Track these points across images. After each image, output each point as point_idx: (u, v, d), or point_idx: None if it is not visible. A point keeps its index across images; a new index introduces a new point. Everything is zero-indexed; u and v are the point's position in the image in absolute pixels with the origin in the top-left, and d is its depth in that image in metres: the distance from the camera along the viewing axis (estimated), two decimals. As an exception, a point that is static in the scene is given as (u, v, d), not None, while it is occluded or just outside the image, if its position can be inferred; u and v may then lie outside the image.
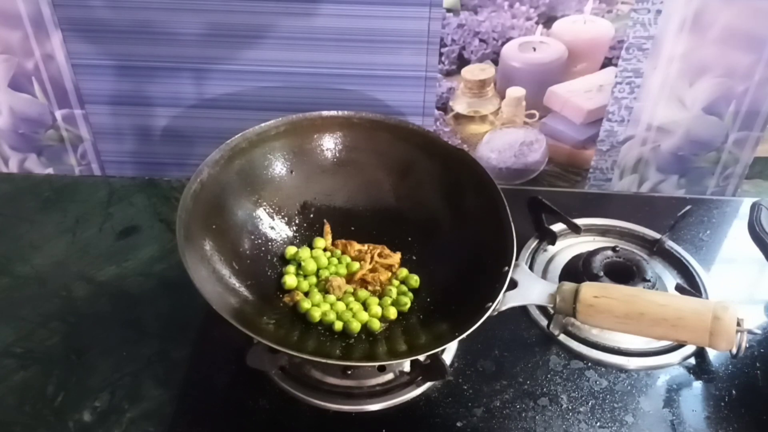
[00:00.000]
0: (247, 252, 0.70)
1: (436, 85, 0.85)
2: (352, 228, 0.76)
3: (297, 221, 0.75)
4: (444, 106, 0.87)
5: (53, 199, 0.88)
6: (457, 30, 0.80)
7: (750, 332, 0.59)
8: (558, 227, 0.80)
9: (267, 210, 0.74)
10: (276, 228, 0.74)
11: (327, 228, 0.76)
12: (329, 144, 0.76)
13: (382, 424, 0.62)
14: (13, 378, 0.66)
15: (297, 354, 0.57)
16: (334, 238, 0.75)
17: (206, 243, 0.66)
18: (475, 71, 0.83)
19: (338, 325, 0.67)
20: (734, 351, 0.59)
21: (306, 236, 0.75)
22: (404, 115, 0.87)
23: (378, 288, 0.70)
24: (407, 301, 0.69)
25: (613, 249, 0.75)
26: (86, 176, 0.94)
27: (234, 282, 0.66)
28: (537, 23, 0.80)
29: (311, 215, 0.76)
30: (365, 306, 0.69)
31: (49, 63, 0.84)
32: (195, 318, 0.70)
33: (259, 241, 0.72)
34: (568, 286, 0.64)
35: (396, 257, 0.73)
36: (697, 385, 0.67)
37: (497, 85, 0.85)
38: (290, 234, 0.75)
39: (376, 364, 0.65)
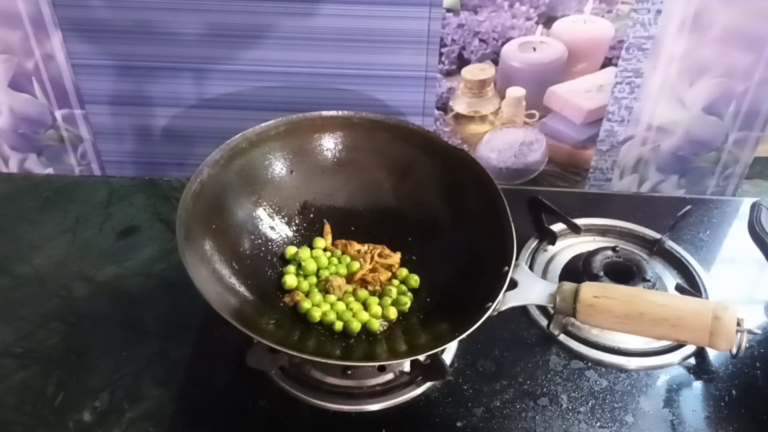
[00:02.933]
0: (247, 252, 0.70)
1: (436, 85, 0.85)
2: (352, 228, 0.76)
3: (297, 221, 0.75)
4: (444, 106, 0.87)
5: (53, 199, 0.88)
6: (457, 30, 0.80)
7: (750, 332, 0.59)
8: (558, 227, 0.80)
9: (267, 210, 0.74)
10: (276, 228, 0.74)
11: (327, 228, 0.76)
12: (329, 144, 0.76)
13: (382, 424, 0.62)
14: (13, 378, 0.66)
15: (297, 354, 0.57)
16: (334, 238, 0.75)
17: (206, 243, 0.66)
18: (475, 71, 0.83)
19: (338, 325, 0.67)
20: (734, 351, 0.59)
21: (306, 236, 0.75)
22: (404, 115, 0.87)
23: (378, 288, 0.70)
24: (407, 301, 0.69)
25: (613, 249, 0.75)
26: (86, 176, 0.94)
27: (234, 282, 0.66)
28: (537, 23, 0.80)
29: (311, 215, 0.76)
30: (365, 306, 0.69)
31: (49, 63, 0.84)
32: (195, 318, 0.70)
33: (259, 241, 0.72)
34: (568, 286, 0.64)
35: (396, 257, 0.73)
36: (697, 385, 0.67)
37: (497, 85, 0.85)
38: (290, 234, 0.75)
39: (376, 364, 0.65)
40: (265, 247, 0.72)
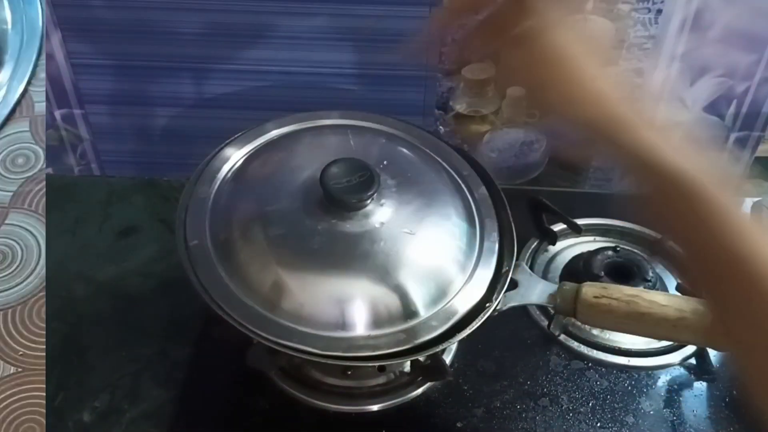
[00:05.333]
0: (247, 252, 0.70)
1: (436, 84, 0.84)
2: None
3: (297, 221, 0.75)
4: (444, 106, 0.86)
5: (53, 199, 0.87)
6: (458, 30, 0.80)
7: (751, 332, 0.59)
8: (558, 227, 0.80)
9: (267, 210, 0.73)
10: (276, 228, 0.74)
11: (327, 228, 0.75)
12: (329, 144, 0.76)
13: (382, 424, 0.62)
14: (12, 378, 0.66)
15: (297, 354, 0.57)
16: (334, 238, 0.75)
17: (206, 243, 0.65)
18: (475, 71, 0.83)
19: (338, 325, 0.66)
20: (735, 351, 0.59)
21: (306, 236, 0.75)
22: (404, 115, 0.86)
23: (378, 288, 0.70)
24: (407, 301, 0.69)
25: (614, 249, 0.75)
26: (86, 176, 0.94)
27: (234, 282, 0.66)
28: (537, 23, 0.79)
29: (311, 215, 0.76)
30: (365, 306, 0.69)
31: (48, 63, 0.84)
32: (195, 318, 0.70)
33: (259, 241, 0.72)
34: (569, 286, 0.64)
35: (396, 257, 0.73)
36: (698, 385, 0.67)
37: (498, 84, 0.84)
38: (290, 234, 0.74)
39: (376, 364, 0.65)
40: (265, 247, 0.72)
